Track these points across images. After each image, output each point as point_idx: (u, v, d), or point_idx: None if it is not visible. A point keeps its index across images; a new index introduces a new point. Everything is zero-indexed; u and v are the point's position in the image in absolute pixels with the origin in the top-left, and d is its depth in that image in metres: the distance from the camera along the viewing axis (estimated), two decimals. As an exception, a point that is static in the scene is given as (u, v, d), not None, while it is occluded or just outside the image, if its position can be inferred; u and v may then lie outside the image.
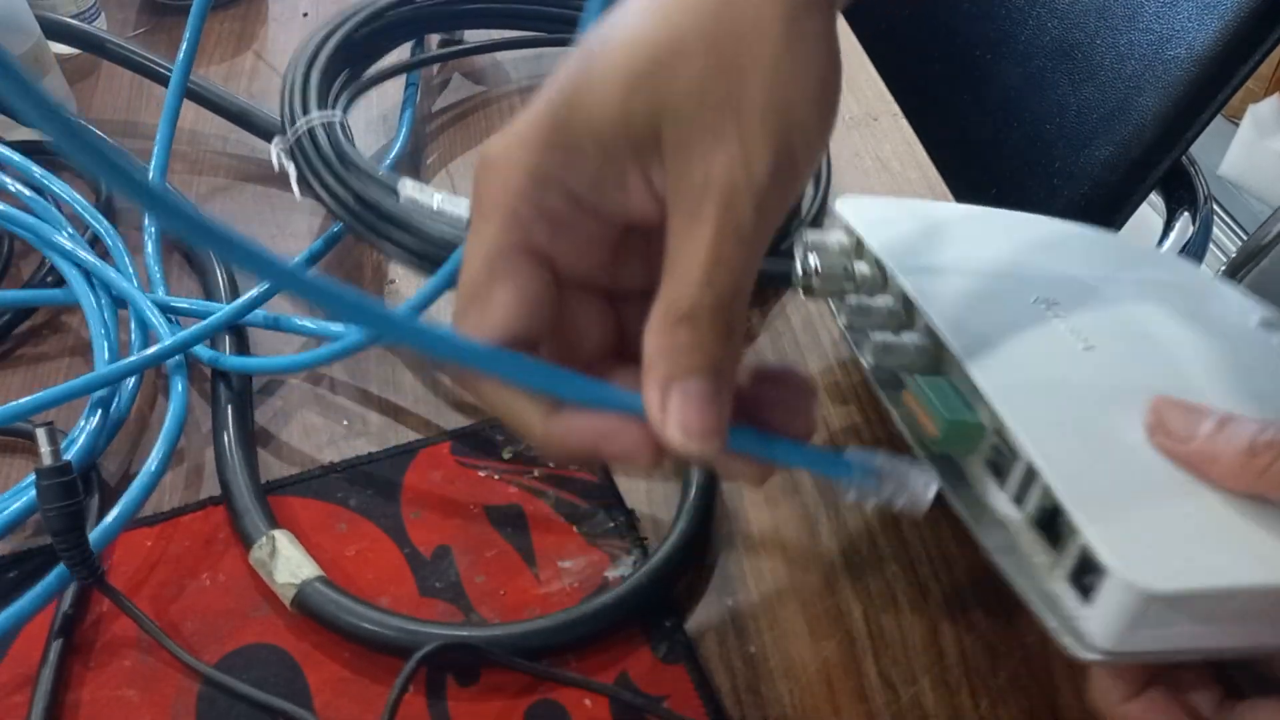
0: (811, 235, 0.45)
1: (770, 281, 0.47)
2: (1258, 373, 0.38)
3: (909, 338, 0.40)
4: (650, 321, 0.28)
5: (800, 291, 0.44)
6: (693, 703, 0.36)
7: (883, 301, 0.42)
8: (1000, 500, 0.35)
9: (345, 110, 0.53)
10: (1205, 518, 0.31)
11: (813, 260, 0.44)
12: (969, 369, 0.35)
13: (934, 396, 0.36)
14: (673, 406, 0.27)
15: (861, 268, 0.43)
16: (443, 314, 0.48)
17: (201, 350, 0.46)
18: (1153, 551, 0.30)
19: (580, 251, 0.30)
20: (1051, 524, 0.33)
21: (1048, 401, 0.34)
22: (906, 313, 0.41)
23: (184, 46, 0.53)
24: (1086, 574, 0.31)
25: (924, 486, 0.30)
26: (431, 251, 0.46)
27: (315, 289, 0.22)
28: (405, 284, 0.52)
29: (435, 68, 0.64)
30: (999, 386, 0.34)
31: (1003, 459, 0.35)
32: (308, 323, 0.48)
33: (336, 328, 0.47)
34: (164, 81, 0.58)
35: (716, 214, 0.27)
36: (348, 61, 0.56)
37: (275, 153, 0.52)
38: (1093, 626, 0.30)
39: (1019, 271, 0.42)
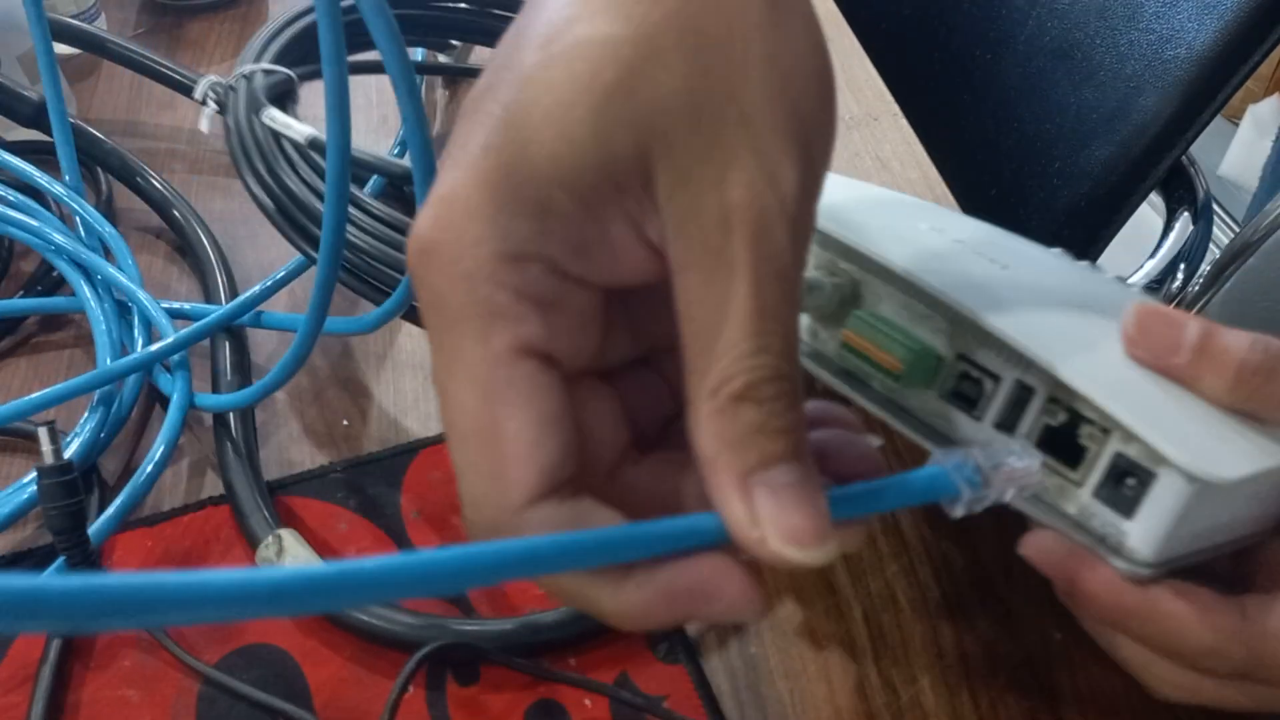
0: None
1: None
2: (1108, 287, 0.37)
3: (817, 274, 0.35)
4: (697, 409, 0.22)
5: None
6: (693, 703, 0.36)
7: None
8: (978, 430, 0.32)
9: (301, 78, 0.51)
10: (1204, 412, 0.30)
11: None
12: (923, 281, 0.32)
13: (883, 329, 0.33)
14: (765, 512, 0.21)
15: None
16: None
17: (159, 379, 0.45)
18: (1197, 441, 0.28)
19: (575, 333, 0.23)
20: (1058, 442, 0.30)
21: (1025, 315, 0.31)
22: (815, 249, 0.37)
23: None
24: (1122, 481, 0.29)
25: (1030, 462, 0.27)
26: (285, 205, 0.44)
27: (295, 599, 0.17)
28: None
29: (440, 88, 0.64)
30: (977, 304, 0.31)
31: (971, 384, 0.32)
32: (303, 319, 0.48)
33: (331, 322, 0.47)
34: (165, 81, 0.58)
35: (749, 253, 0.21)
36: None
37: (203, 85, 0.51)
38: (1141, 537, 0.29)
39: (895, 204, 0.40)
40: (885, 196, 0.42)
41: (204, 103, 0.51)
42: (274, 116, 0.45)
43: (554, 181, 0.21)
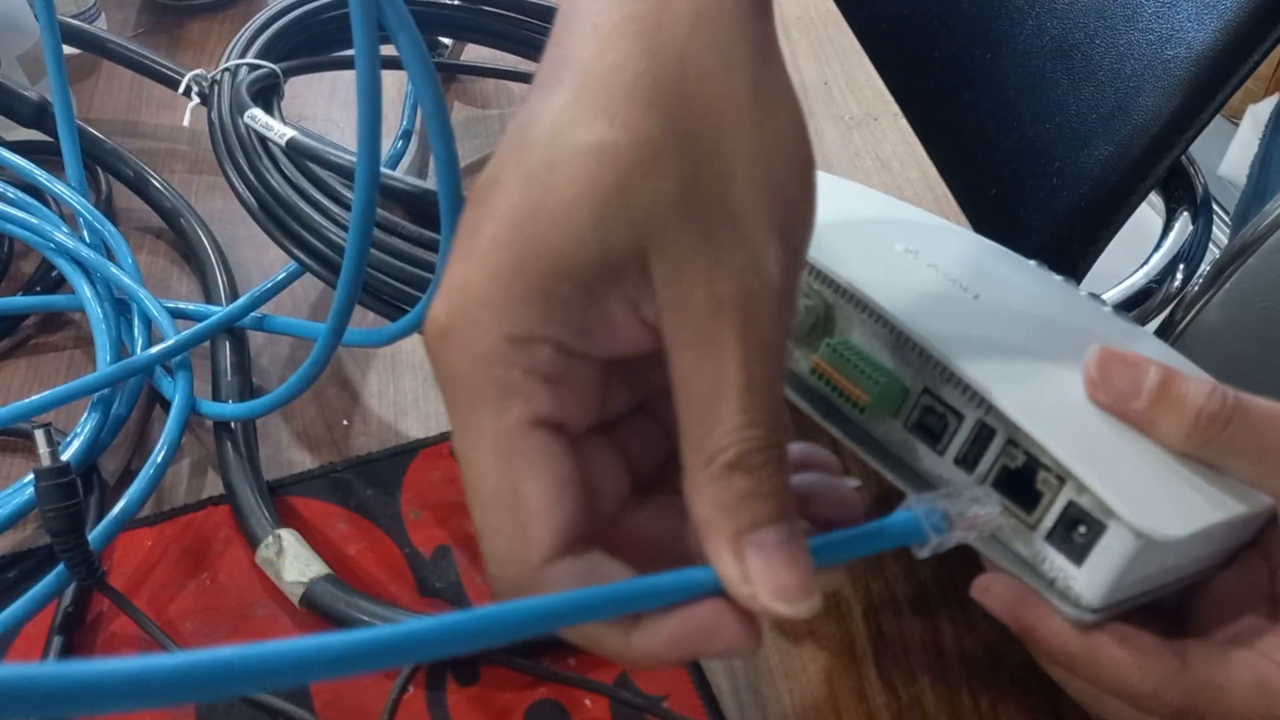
0: None
1: None
2: (1081, 312, 0.37)
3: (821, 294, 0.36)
4: (693, 477, 0.24)
5: None
6: (693, 703, 0.36)
7: None
8: (938, 464, 0.33)
9: (286, 75, 0.51)
10: (1158, 460, 0.31)
11: None
12: (896, 318, 0.32)
13: (854, 359, 0.33)
14: (756, 571, 0.23)
15: None
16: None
17: (160, 383, 0.45)
18: (1147, 495, 0.29)
19: (579, 401, 0.25)
20: (1015, 484, 0.31)
21: (987, 353, 0.32)
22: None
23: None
24: (1073, 529, 0.30)
25: (992, 509, 0.28)
26: (268, 203, 0.44)
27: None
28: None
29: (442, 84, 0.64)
30: (941, 338, 0.32)
31: (934, 419, 0.33)
32: (306, 324, 0.48)
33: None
34: (165, 81, 0.58)
35: (737, 335, 0.23)
36: (316, 40, 0.55)
37: (187, 78, 0.51)
38: (1086, 584, 0.29)
39: (874, 221, 0.40)
40: (866, 207, 0.42)
41: (187, 95, 0.51)
42: (255, 117, 0.45)
43: (559, 274, 0.23)
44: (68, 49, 0.61)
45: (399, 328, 0.40)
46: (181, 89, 0.51)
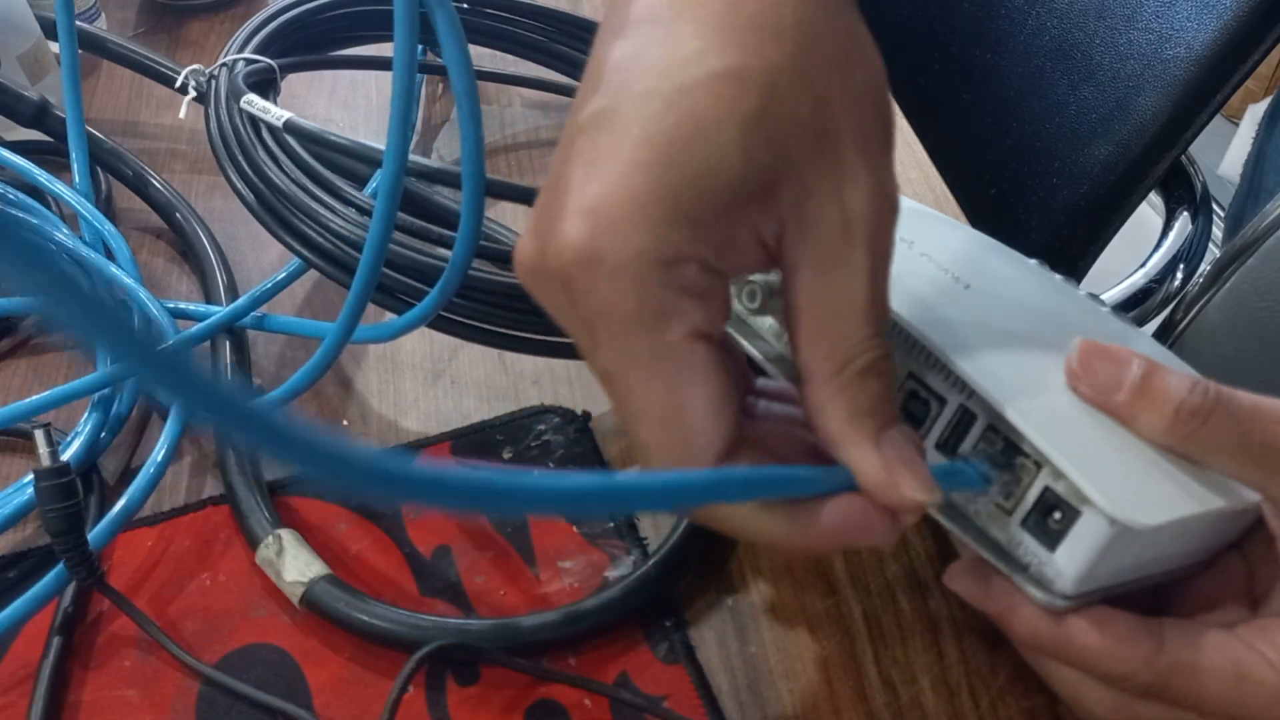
0: None
1: None
2: (1081, 315, 0.37)
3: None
4: (821, 384, 0.26)
5: None
6: (693, 703, 0.36)
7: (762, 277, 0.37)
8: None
9: (283, 71, 0.52)
10: (1139, 452, 0.31)
11: None
12: (898, 315, 0.32)
13: None
14: (897, 465, 0.26)
15: None
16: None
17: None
18: (1124, 484, 0.29)
19: (720, 314, 0.27)
20: (1009, 464, 0.31)
21: (974, 339, 0.32)
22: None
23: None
24: (1048, 515, 0.30)
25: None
26: (266, 197, 0.44)
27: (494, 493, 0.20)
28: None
29: (440, 85, 0.64)
30: (928, 323, 0.32)
31: (918, 403, 0.33)
32: (307, 323, 0.48)
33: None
34: (164, 81, 0.58)
35: (866, 250, 0.26)
36: (315, 39, 0.56)
37: (183, 74, 0.52)
38: (1060, 570, 0.30)
39: None
40: None
41: (184, 91, 0.51)
42: (251, 101, 0.45)
43: (705, 193, 0.24)
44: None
45: (405, 321, 0.40)
46: (178, 84, 0.51)
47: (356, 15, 0.57)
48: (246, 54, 0.49)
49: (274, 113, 0.44)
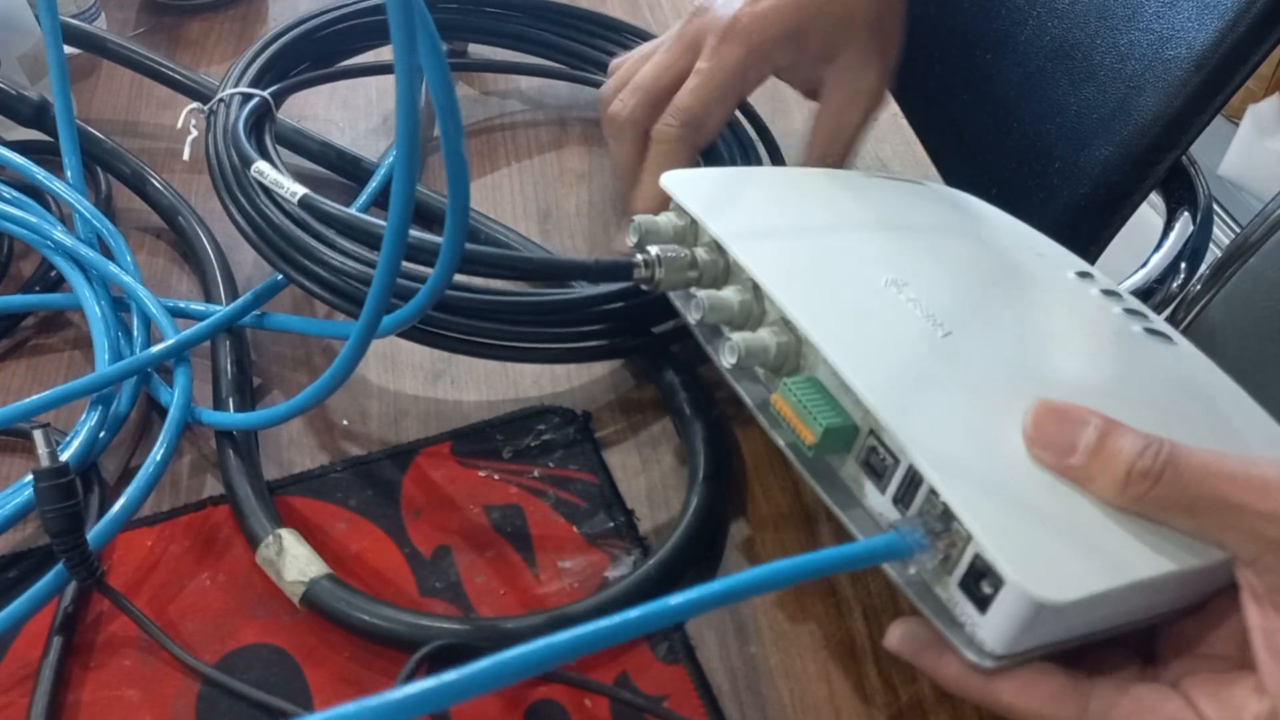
0: (644, 220, 0.42)
1: (614, 276, 0.43)
2: (1090, 336, 0.38)
3: (767, 334, 0.37)
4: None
5: (640, 286, 0.41)
6: (693, 703, 0.36)
7: (733, 294, 0.39)
8: (880, 502, 0.34)
9: (279, 95, 0.53)
10: (1082, 517, 0.31)
11: (654, 251, 0.40)
12: (843, 371, 0.34)
13: (805, 401, 0.35)
14: None
15: (701, 254, 0.41)
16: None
17: (158, 391, 0.45)
18: (1047, 557, 0.30)
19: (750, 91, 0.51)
20: (943, 529, 0.32)
21: (925, 401, 0.33)
22: (758, 302, 0.39)
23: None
24: (980, 580, 0.30)
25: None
26: (265, 232, 0.45)
27: None
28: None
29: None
30: (876, 387, 0.33)
31: (879, 459, 0.34)
32: (307, 321, 0.48)
33: (333, 325, 0.47)
34: (165, 80, 0.58)
35: (861, 111, 0.51)
36: (307, 55, 0.57)
37: (184, 114, 0.53)
38: (989, 633, 0.30)
39: (864, 247, 0.40)
40: (873, 214, 0.44)
41: (188, 129, 0.53)
42: (263, 172, 0.45)
43: (815, 31, 0.49)
44: (68, 49, 0.61)
45: (395, 320, 0.40)
46: (180, 124, 0.53)
47: (348, 31, 0.58)
48: (241, 89, 0.51)
49: (288, 187, 0.44)
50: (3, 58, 0.56)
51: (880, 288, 0.38)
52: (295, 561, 0.38)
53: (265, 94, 0.52)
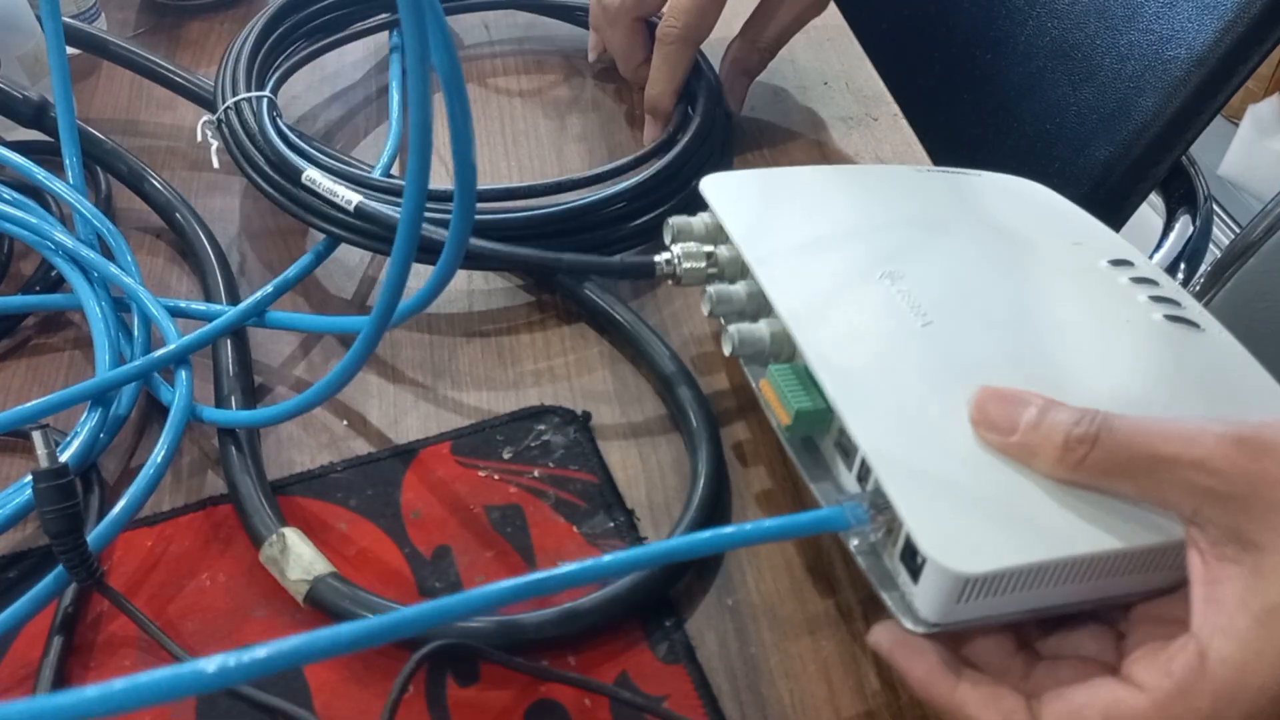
0: (677, 220, 0.46)
1: (638, 273, 0.47)
2: (1096, 322, 0.40)
3: (764, 326, 0.41)
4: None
5: (670, 281, 0.45)
6: (693, 703, 0.36)
7: (742, 288, 0.43)
8: (848, 479, 0.37)
9: (276, 88, 0.55)
10: (1022, 497, 0.33)
11: (676, 251, 0.44)
12: (809, 360, 0.37)
13: (784, 386, 0.38)
14: None
15: (724, 252, 0.44)
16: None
17: (159, 390, 0.45)
18: (968, 534, 0.32)
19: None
20: (886, 505, 0.34)
21: (880, 388, 0.36)
22: (763, 296, 0.42)
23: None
24: (914, 553, 0.32)
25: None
26: (363, 227, 0.48)
27: None
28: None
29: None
30: (837, 376, 0.37)
31: (847, 440, 0.36)
32: (309, 318, 0.48)
33: (337, 321, 0.47)
34: (165, 82, 0.58)
35: (795, 9, 0.58)
36: (291, 41, 0.59)
37: (200, 128, 0.54)
38: (921, 603, 0.33)
39: (870, 241, 0.43)
40: (877, 212, 0.45)
41: (205, 139, 0.55)
42: (315, 181, 0.48)
43: None
44: (68, 49, 0.61)
45: (403, 310, 0.40)
46: (199, 138, 0.54)
47: (325, 7, 0.60)
48: (245, 94, 0.53)
49: (342, 195, 0.48)
50: (3, 58, 0.56)
51: (875, 280, 0.40)
52: (299, 560, 0.38)
53: (269, 94, 0.53)
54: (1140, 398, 0.36)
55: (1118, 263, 0.42)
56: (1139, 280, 0.41)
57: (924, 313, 0.39)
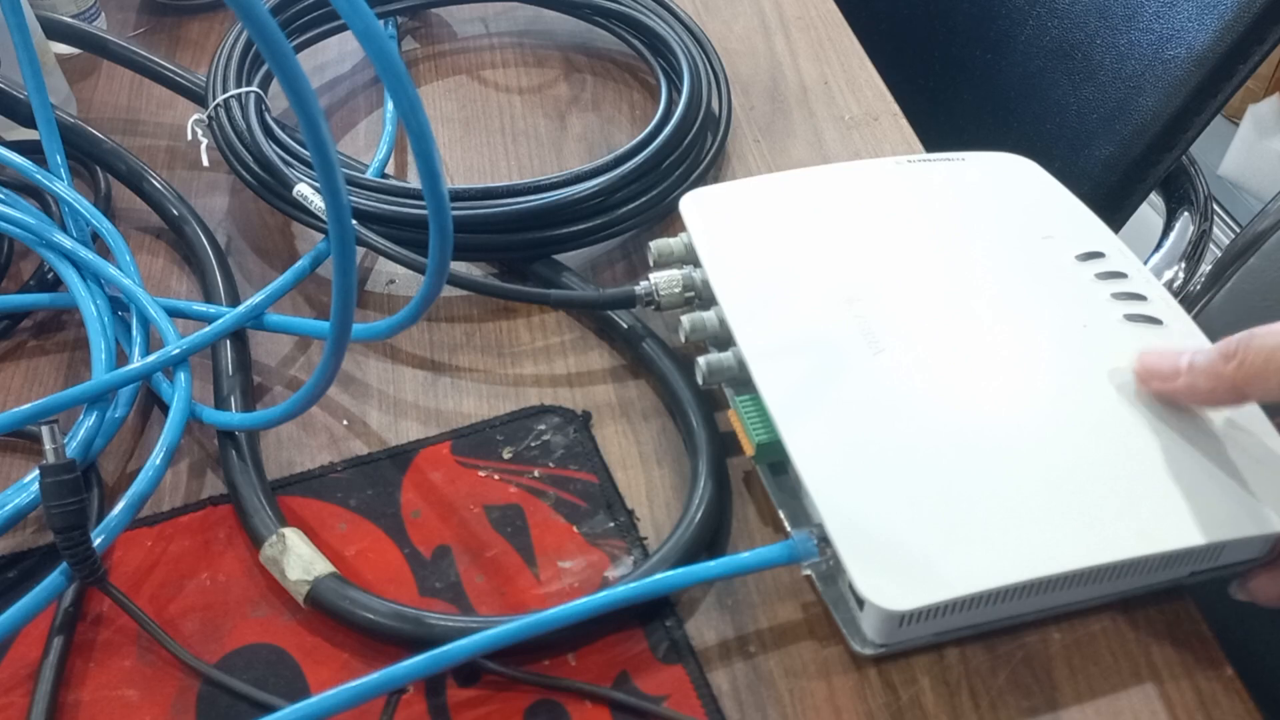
0: (658, 244, 0.47)
1: (619, 305, 0.48)
2: (1052, 330, 0.41)
3: (731, 356, 0.42)
4: None
5: (652, 308, 0.46)
6: (692, 703, 0.36)
7: (715, 315, 0.44)
8: (812, 504, 0.38)
9: (266, 82, 0.56)
10: (958, 527, 0.35)
11: (654, 280, 0.46)
12: (764, 399, 0.39)
13: (746, 419, 0.40)
14: None
15: (699, 276, 0.45)
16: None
17: (160, 387, 0.45)
18: (903, 573, 0.34)
19: None
20: (826, 538, 0.36)
21: (830, 425, 0.38)
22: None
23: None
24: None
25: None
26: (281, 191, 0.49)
27: None
28: (405, 284, 0.52)
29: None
30: (789, 417, 0.38)
31: None
32: (306, 322, 0.48)
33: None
34: (165, 81, 0.58)
35: None
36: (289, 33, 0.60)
37: (190, 125, 0.54)
38: (867, 628, 0.36)
39: (837, 260, 0.44)
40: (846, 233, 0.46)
41: (195, 137, 0.55)
42: (305, 195, 0.49)
43: None
44: (68, 49, 0.61)
45: (398, 320, 0.40)
46: (189, 135, 0.55)
47: (324, 15, 0.61)
48: (234, 92, 0.53)
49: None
50: (3, 58, 0.56)
51: (836, 304, 0.42)
52: (299, 560, 0.38)
53: (256, 89, 0.54)
54: (1087, 406, 0.38)
55: (1087, 256, 0.43)
56: (1106, 275, 0.43)
57: (877, 340, 0.40)
